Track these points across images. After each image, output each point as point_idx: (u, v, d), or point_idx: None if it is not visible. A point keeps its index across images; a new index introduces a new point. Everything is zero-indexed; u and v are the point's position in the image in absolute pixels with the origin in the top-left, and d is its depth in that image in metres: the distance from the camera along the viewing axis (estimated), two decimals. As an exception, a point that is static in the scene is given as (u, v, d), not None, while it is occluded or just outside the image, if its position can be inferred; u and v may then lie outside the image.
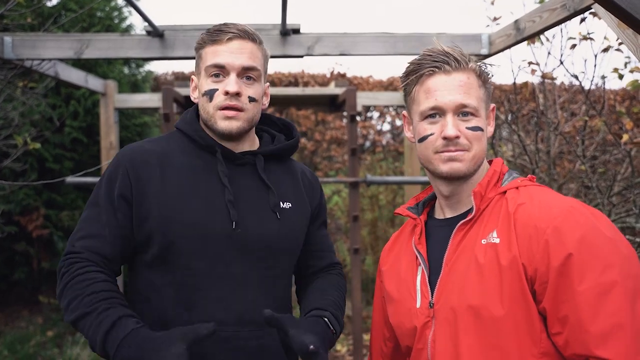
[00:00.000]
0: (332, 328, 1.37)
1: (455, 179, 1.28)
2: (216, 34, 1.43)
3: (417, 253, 1.33)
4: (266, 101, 1.53)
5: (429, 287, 1.28)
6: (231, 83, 1.40)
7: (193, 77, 1.51)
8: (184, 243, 1.36)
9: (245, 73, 1.43)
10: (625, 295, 1.05)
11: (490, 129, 1.33)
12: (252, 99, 1.44)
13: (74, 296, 1.30)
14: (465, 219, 1.26)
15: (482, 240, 1.21)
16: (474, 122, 1.25)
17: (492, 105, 1.35)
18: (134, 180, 1.39)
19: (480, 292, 1.16)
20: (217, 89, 1.41)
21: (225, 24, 1.45)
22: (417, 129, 1.30)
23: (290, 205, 1.50)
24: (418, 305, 1.29)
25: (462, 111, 1.24)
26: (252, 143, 1.52)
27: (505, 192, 1.26)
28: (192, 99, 1.52)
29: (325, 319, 1.37)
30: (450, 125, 1.23)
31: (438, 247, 1.31)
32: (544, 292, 1.11)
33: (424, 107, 1.27)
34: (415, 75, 1.29)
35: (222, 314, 1.36)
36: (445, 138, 1.24)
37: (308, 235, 1.58)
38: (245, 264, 1.40)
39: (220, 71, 1.41)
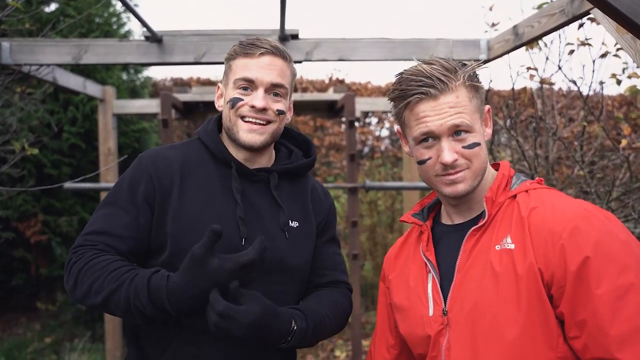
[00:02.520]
0: (294, 324, 1.34)
1: (460, 198, 1.27)
2: (249, 47, 1.44)
3: (426, 260, 1.32)
4: (289, 116, 1.54)
5: (441, 294, 1.27)
6: (258, 98, 1.42)
7: (219, 85, 1.54)
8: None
9: (273, 89, 1.45)
10: None
11: (488, 131, 1.32)
12: (280, 112, 1.46)
13: (95, 278, 1.29)
14: (477, 225, 1.24)
15: (496, 246, 1.19)
16: (469, 139, 1.23)
17: (487, 107, 1.32)
18: (158, 187, 1.41)
19: (497, 300, 1.16)
20: (242, 99, 1.43)
21: (258, 39, 1.46)
22: (415, 153, 1.30)
23: (298, 224, 1.51)
24: (431, 313, 1.27)
25: (456, 131, 1.22)
26: (269, 157, 1.54)
27: (515, 195, 1.24)
28: (216, 107, 1.54)
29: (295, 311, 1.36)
30: (447, 151, 1.21)
31: (448, 253, 1.30)
32: (561, 297, 1.10)
33: (416, 133, 1.25)
34: (402, 102, 1.26)
35: None
36: (442, 164, 1.23)
37: (314, 251, 1.57)
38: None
39: (248, 85, 1.43)
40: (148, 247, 1.42)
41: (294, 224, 1.51)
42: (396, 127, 1.40)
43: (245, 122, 1.43)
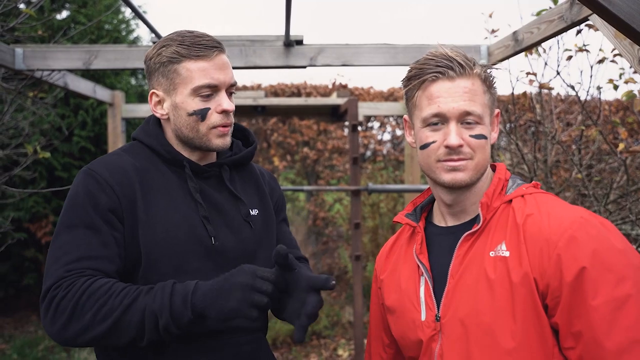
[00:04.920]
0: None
1: (458, 188, 1.23)
2: (197, 48, 1.33)
3: (419, 263, 1.28)
4: None
5: (434, 299, 1.24)
6: (226, 100, 1.36)
7: (155, 91, 1.39)
8: (165, 261, 1.31)
9: (230, 89, 1.39)
10: (639, 308, 1.03)
11: (494, 135, 1.28)
12: (234, 113, 1.43)
13: (103, 302, 1.16)
14: (471, 230, 1.21)
15: (490, 253, 1.16)
16: (477, 129, 1.19)
17: (497, 110, 1.28)
18: (122, 198, 1.30)
19: (492, 309, 1.13)
20: (209, 108, 1.35)
21: (197, 35, 1.36)
22: (419, 136, 1.24)
23: (258, 211, 1.49)
24: (423, 318, 1.24)
25: (465, 119, 1.19)
26: (214, 153, 1.49)
27: (510, 200, 1.21)
28: (157, 115, 1.41)
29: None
30: (454, 134, 1.17)
31: (441, 256, 1.26)
32: (557, 307, 1.08)
33: (426, 113, 1.20)
34: (417, 80, 1.22)
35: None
36: (447, 147, 1.19)
37: None
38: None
39: (212, 91, 1.35)
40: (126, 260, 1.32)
41: (255, 212, 1.48)
42: (404, 116, 1.36)
43: (216, 128, 1.37)
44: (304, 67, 3.19)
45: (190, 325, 1.17)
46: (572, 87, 3.06)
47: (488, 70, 1.24)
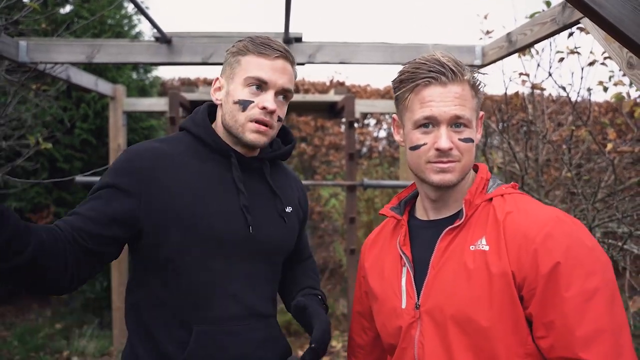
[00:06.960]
0: (324, 303, 1.57)
1: (444, 188, 1.29)
2: (263, 47, 1.42)
3: (402, 254, 1.34)
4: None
5: (414, 288, 1.30)
6: (270, 100, 1.40)
7: (220, 78, 1.49)
8: (201, 245, 1.37)
9: (282, 93, 1.44)
10: (605, 300, 1.11)
11: (478, 136, 1.33)
12: (280, 119, 1.46)
13: None
14: (453, 225, 1.27)
15: (471, 247, 1.23)
16: (466, 133, 1.25)
17: (481, 113, 1.34)
18: (147, 181, 1.35)
19: (470, 298, 1.19)
20: (253, 102, 1.40)
21: (269, 39, 1.44)
22: (410, 137, 1.29)
23: (291, 210, 1.57)
24: (403, 305, 1.30)
25: (455, 122, 1.24)
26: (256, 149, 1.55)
27: (491, 199, 1.28)
28: (214, 99, 1.50)
29: (319, 297, 1.57)
30: (444, 138, 1.22)
31: (423, 248, 1.33)
32: (532, 299, 1.14)
33: (418, 116, 1.25)
34: (411, 83, 1.26)
35: (235, 309, 1.42)
36: (438, 150, 1.24)
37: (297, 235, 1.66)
38: (254, 263, 1.46)
39: (260, 84, 1.41)
40: (128, 231, 1.34)
41: (289, 209, 1.56)
42: (393, 115, 1.39)
43: (253, 122, 1.41)
44: (303, 64, 3.23)
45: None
46: (564, 88, 3.13)
47: (476, 76, 1.29)
